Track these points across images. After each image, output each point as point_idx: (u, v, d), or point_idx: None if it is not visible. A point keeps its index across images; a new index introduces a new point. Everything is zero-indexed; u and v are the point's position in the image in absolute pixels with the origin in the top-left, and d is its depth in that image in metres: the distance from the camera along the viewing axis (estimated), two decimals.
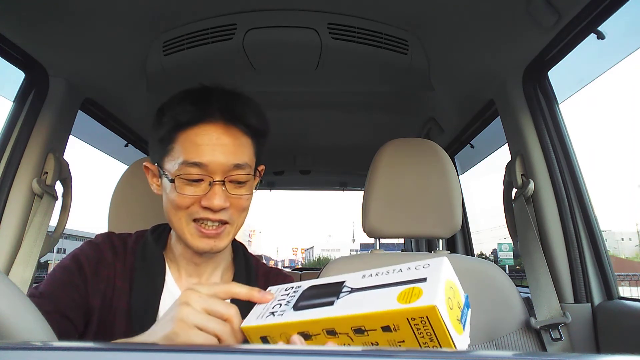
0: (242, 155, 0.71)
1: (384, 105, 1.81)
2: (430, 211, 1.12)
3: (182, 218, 0.70)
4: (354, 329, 0.41)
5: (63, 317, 0.65)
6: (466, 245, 2.30)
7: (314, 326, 0.43)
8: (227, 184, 0.69)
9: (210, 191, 0.68)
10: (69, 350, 0.30)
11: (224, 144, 0.69)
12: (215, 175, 0.68)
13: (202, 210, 0.69)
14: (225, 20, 1.30)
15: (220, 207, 0.68)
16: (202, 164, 0.68)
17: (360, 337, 0.41)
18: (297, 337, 0.44)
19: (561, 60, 1.22)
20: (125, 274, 0.73)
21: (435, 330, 0.38)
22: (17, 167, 1.23)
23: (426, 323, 0.38)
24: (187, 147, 0.69)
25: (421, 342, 0.39)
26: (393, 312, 0.39)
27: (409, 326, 0.39)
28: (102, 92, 1.51)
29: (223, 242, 0.71)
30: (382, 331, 0.40)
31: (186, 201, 0.69)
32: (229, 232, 0.72)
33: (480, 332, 1.07)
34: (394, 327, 0.40)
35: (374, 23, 1.32)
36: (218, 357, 0.30)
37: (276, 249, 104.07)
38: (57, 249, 26.31)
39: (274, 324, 0.45)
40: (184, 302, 0.46)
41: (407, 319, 0.39)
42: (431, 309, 0.38)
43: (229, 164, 0.69)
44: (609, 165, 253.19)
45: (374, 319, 0.40)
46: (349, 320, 0.41)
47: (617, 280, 1.22)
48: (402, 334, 0.39)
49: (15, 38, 1.16)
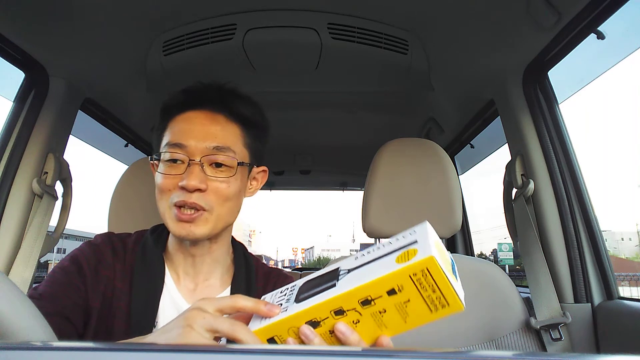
0: (224, 140, 0.72)
1: (384, 105, 1.81)
2: (430, 211, 1.12)
3: (165, 202, 0.71)
4: (360, 302, 0.43)
5: (63, 319, 0.65)
6: (466, 245, 2.30)
7: (321, 310, 0.44)
8: (206, 166, 0.70)
9: (187, 171, 0.69)
10: (69, 350, 0.30)
11: (207, 128, 0.71)
12: (194, 156, 0.70)
13: (180, 192, 0.68)
14: (225, 20, 1.31)
15: (195, 187, 0.67)
16: (183, 144, 0.70)
17: (368, 308, 0.43)
18: (306, 327, 0.44)
19: (561, 61, 1.22)
20: (125, 275, 0.73)
21: (437, 280, 0.41)
22: (17, 167, 1.23)
23: (427, 275, 0.41)
24: (173, 131, 0.72)
25: (425, 296, 0.42)
26: (396, 272, 0.42)
27: (412, 283, 0.42)
28: (102, 92, 1.51)
29: (199, 229, 0.69)
30: (387, 296, 0.42)
31: (167, 183, 0.70)
32: (206, 219, 0.70)
33: (480, 332, 1.07)
34: (399, 288, 0.42)
35: (374, 23, 1.32)
36: (218, 357, 0.30)
37: (276, 249, 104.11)
38: (57, 249, 26.32)
39: (280, 320, 0.45)
40: (188, 325, 0.44)
41: (409, 276, 0.41)
42: (430, 259, 0.41)
43: (208, 145, 0.70)
44: (609, 165, 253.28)
45: (379, 284, 0.42)
46: (355, 294, 0.43)
47: (617, 280, 1.22)
48: (407, 294, 0.42)
49: (15, 38, 1.15)
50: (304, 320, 0.44)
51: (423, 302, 0.42)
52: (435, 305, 0.42)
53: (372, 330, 0.44)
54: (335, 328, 0.44)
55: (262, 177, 0.82)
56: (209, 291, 0.76)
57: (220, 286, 0.78)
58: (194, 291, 0.75)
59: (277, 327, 0.45)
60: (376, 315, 0.43)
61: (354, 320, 0.44)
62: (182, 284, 0.76)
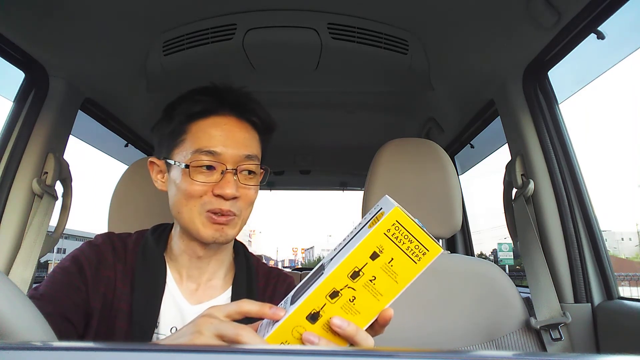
0: (252, 148, 0.74)
1: (384, 105, 1.81)
2: (430, 211, 1.12)
3: (194, 208, 0.70)
4: (350, 276, 0.45)
5: (63, 319, 0.65)
6: (466, 245, 2.30)
7: (317, 298, 0.45)
8: (238, 174, 0.71)
9: (222, 179, 0.69)
10: (69, 350, 0.30)
11: (236, 135, 0.72)
12: (228, 164, 0.70)
13: (215, 200, 0.69)
14: (225, 20, 1.30)
15: (233, 196, 0.69)
16: (216, 152, 0.70)
17: (359, 280, 0.45)
18: (308, 334, 0.45)
19: (561, 60, 1.22)
20: (126, 275, 0.73)
21: (410, 230, 0.44)
22: (17, 167, 1.23)
23: (400, 227, 0.44)
24: (200, 136, 0.71)
25: (404, 249, 0.44)
26: (371, 234, 0.44)
27: (389, 240, 0.44)
28: (102, 92, 1.51)
29: (231, 231, 0.72)
30: (372, 261, 0.45)
31: (198, 189, 0.69)
32: (236, 223, 0.72)
33: (480, 332, 1.07)
34: (379, 249, 0.45)
35: (374, 23, 1.32)
36: (218, 357, 0.30)
37: (276, 249, 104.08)
38: (57, 249, 26.32)
39: (282, 324, 0.46)
40: (197, 331, 0.45)
41: (384, 234, 0.44)
42: (396, 211, 0.44)
43: (241, 154, 0.71)
44: (609, 165, 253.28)
45: (361, 252, 0.45)
46: (343, 269, 0.45)
47: (617, 280, 1.22)
48: (388, 253, 0.45)
49: (15, 38, 1.15)
50: (304, 314, 0.45)
51: (405, 256, 0.45)
52: (416, 254, 0.45)
53: (371, 303, 0.46)
54: (331, 323, 0.45)
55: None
56: (210, 291, 0.76)
57: (222, 286, 0.78)
58: (195, 291, 0.75)
59: (281, 333, 0.46)
60: (368, 285, 0.45)
61: (350, 298, 0.45)
62: (185, 284, 0.75)
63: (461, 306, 1.08)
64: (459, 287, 1.10)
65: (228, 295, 0.76)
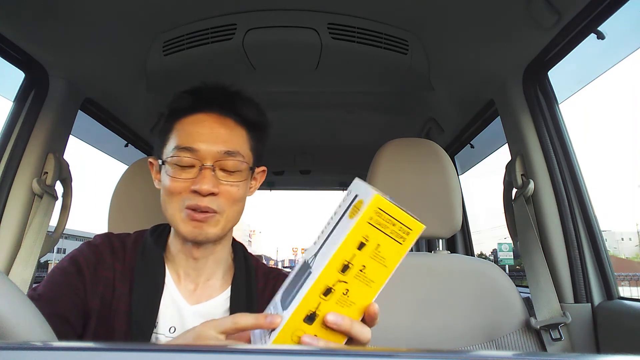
0: (234, 145, 0.73)
1: (384, 105, 1.81)
2: (430, 211, 1.12)
3: (175, 205, 0.71)
4: (340, 271, 0.45)
5: (62, 320, 0.65)
6: (466, 245, 2.30)
7: (311, 299, 0.45)
8: (217, 171, 0.71)
9: (199, 175, 0.69)
10: (69, 350, 0.30)
11: (216, 132, 0.72)
12: (205, 160, 0.70)
13: (192, 196, 0.69)
14: (225, 20, 1.30)
15: (208, 192, 0.68)
16: (193, 148, 0.70)
17: (349, 272, 0.45)
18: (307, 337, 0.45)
19: (561, 61, 1.22)
20: (125, 276, 0.73)
21: (391, 213, 0.44)
22: (17, 167, 1.23)
23: (382, 213, 0.44)
24: (181, 134, 0.72)
25: (389, 233, 0.44)
26: (355, 226, 0.44)
27: (373, 228, 0.44)
28: (102, 92, 1.51)
29: (211, 230, 0.71)
30: (359, 251, 0.45)
31: (177, 186, 0.70)
32: (218, 221, 0.71)
33: (480, 332, 1.07)
34: (365, 239, 0.45)
35: (374, 23, 1.32)
36: (218, 357, 0.30)
37: (276, 249, 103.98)
38: (57, 249, 26.29)
39: (282, 330, 0.45)
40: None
41: (367, 223, 0.44)
42: (376, 198, 0.44)
43: (219, 150, 0.71)
44: (609, 165, 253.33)
45: (348, 245, 0.44)
46: (332, 266, 0.45)
47: (617, 280, 1.22)
48: (374, 240, 0.44)
49: (15, 38, 1.15)
50: (300, 318, 0.45)
51: (390, 239, 0.45)
52: (400, 236, 0.45)
53: (364, 291, 0.46)
54: (326, 321, 0.45)
55: (261, 176, 0.83)
56: (209, 291, 0.76)
57: (221, 287, 0.77)
58: (194, 291, 0.75)
59: (280, 340, 0.46)
60: (359, 275, 0.45)
61: (344, 292, 0.45)
62: (183, 284, 0.75)
63: (461, 306, 1.08)
64: (459, 287, 1.10)
65: (227, 295, 0.76)
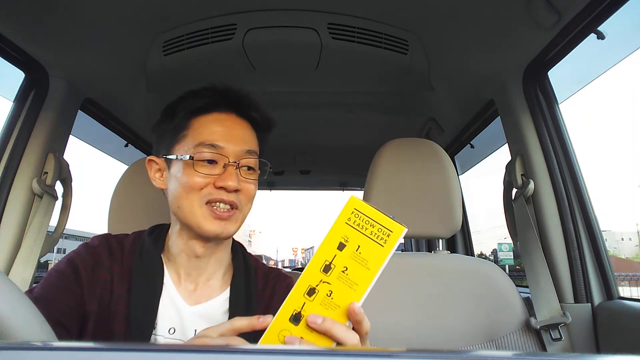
0: (252, 144, 0.77)
1: (384, 105, 1.81)
2: (430, 211, 1.12)
3: (195, 201, 0.71)
4: (322, 270, 0.46)
5: (57, 324, 0.63)
6: (466, 245, 2.30)
7: (295, 298, 0.47)
8: (239, 168, 0.73)
9: (225, 172, 0.71)
10: (69, 350, 0.30)
11: (237, 131, 0.75)
12: (231, 158, 0.72)
13: (216, 191, 0.71)
14: (225, 20, 1.30)
15: (234, 188, 0.71)
16: (219, 145, 0.72)
17: (331, 273, 0.46)
18: (290, 337, 0.46)
19: (561, 61, 1.22)
20: (123, 277, 0.72)
21: (369, 215, 0.46)
22: (17, 167, 1.23)
23: (359, 214, 0.46)
24: (203, 131, 0.73)
25: (368, 234, 0.46)
26: (333, 226, 0.46)
27: (352, 229, 0.46)
28: (102, 92, 1.51)
29: (233, 227, 0.73)
30: (340, 252, 0.46)
31: (200, 181, 0.71)
32: (237, 218, 0.74)
33: (480, 332, 1.07)
34: (345, 239, 0.46)
35: (374, 23, 1.32)
36: (218, 357, 0.30)
37: (276, 249, 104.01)
38: (57, 249, 26.27)
39: (269, 329, 0.47)
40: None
41: (346, 224, 0.46)
42: (352, 199, 0.46)
43: (242, 149, 0.74)
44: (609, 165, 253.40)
45: (327, 245, 0.46)
46: (314, 265, 0.46)
47: (617, 280, 1.22)
48: (354, 241, 0.46)
49: (15, 38, 1.15)
50: (286, 317, 0.46)
51: (371, 241, 0.46)
52: (381, 238, 0.46)
53: (348, 295, 0.47)
54: (307, 321, 0.46)
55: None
56: (209, 292, 0.76)
57: (220, 287, 0.77)
58: (194, 292, 0.75)
59: (268, 339, 0.47)
60: (342, 276, 0.46)
61: (327, 293, 0.46)
62: (183, 284, 0.75)
63: (461, 306, 1.08)
64: (459, 287, 1.10)
65: (226, 295, 0.75)
